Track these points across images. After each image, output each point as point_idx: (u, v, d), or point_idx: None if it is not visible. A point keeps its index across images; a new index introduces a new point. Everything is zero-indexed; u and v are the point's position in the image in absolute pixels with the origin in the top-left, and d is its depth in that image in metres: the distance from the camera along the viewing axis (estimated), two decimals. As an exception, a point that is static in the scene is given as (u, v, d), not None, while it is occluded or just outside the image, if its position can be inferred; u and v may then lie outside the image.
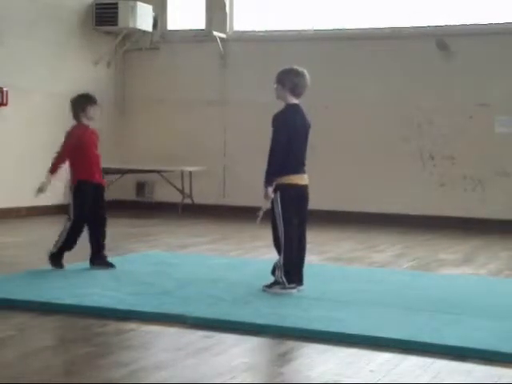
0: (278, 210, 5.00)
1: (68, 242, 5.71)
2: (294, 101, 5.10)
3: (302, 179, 5.09)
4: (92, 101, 5.82)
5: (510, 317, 4.49)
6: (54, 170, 5.69)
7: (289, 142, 5.00)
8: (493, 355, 3.72)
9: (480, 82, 9.00)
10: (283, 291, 5.00)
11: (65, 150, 5.72)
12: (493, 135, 8.98)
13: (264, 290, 5.06)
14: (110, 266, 5.79)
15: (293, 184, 5.04)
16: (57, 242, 5.71)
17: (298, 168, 5.08)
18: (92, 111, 5.78)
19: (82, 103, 5.79)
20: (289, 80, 5.05)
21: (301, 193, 5.09)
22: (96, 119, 5.86)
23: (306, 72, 5.09)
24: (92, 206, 5.74)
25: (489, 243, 7.83)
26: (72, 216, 5.70)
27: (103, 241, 5.85)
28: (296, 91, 5.06)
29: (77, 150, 5.72)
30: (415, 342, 3.90)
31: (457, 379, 3.48)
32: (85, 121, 5.80)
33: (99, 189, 5.83)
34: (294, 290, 5.02)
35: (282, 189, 5.00)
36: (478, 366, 3.63)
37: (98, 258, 5.81)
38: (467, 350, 3.79)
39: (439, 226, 8.85)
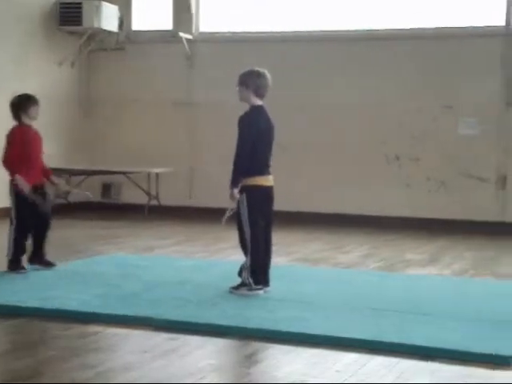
0: (244, 211, 5.01)
1: (18, 247, 5.66)
2: (258, 102, 5.11)
3: (267, 180, 5.10)
4: (34, 101, 5.79)
5: (474, 317, 4.53)
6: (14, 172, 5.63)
7: (254, 144, 5.01)
8: (458, 355, 3.75)
9: (445, 84, 9.09)
10: (250, 293, 5.00)
11: (12, 153, 5.65)
12: (457, 137, 9.08)
13: (231, 292, 5.06)
14: (50, 265, 5.74)
15: (258, 185, 5.05)
16: (8, 248, 5.66)
17: (263, 169, 5.09)
18: (35, 111, 5.76)
19: (24, 104, 5.75)
20: (252, 82, 5.06)
21: (266, 194, 5.10)
22: (36, 119, 5.81)
23: (267, 73, 5.12)
24: (33, 208, 5.67)
25: (453, 243, 7.91)
26: (14, 219, 5.65)
27: (43, 241, 5.76)
28: (259, 92, 5.08)
29: (18, 150, 5.66)
30: (381, 342, 3.92)
31: (421, 379, 3.51)
32: (27, 121, 5.76)
33: (39, 190, 5.76)
34: (260, 292, 5.02)
35: (248, 190, 5.01)
36: (444, 365, 3.67)
37: (37, 257, 5.75)
38: (433, 349, 3.82)
39: (405, 226, 8.91)
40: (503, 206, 8.87)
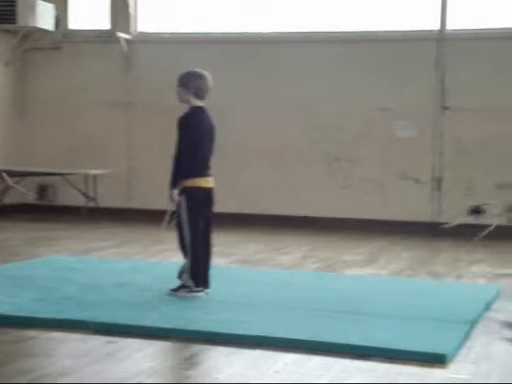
0: (184, 213, 4.98)
1: None
2: (199, 103, 5.10)
3: (207, 182, 5.09)
4: None
5: (410, 315, 4.61)
6: None
7: (194, 145, 4.99)
8: (394, 353, 3.81)
9: (381, 87, 9.22)
10: (190, 295, 4.98)
11: None
12: (393, 139, 9.22)
13: (170, 294, 5.02)
14: None
15: (198, 187, 5.03)
16: None
17: (204, 171, 5.08)
18: None
19: None
20: (192, 83, 5.05)
21: (206, 196, 5.09)
22: None
23: (208, 74, 5.11)
24: None
25: (391, 244, 8.04)
26: None
27: None
28: (200, 94, 5.07)
29: None
30: (319, 343, 3.95)
31: (358, 378, 3.55)
32: None
33: None
34: (200, 294, 5.01)
35: (188, 192, 4.99)
36: (380, 364, 3.71)
37: None
38: (369, 348, 3.87)
39: (344, 227, 9.01)
40: (439, 207, 9.05)
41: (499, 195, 8.84)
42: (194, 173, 5.01)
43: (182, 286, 5.03)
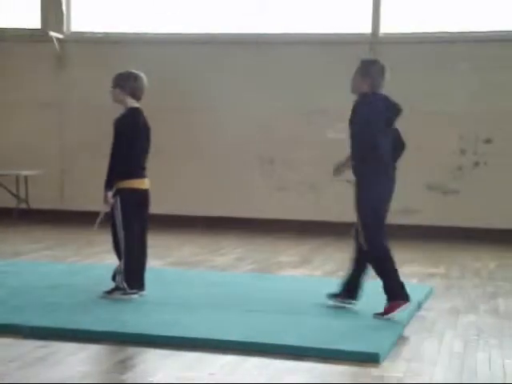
0: (118, 214, 4.93)
1: None
2: (135, 104, 5.07)
3: (142, 183, 5.05)
4: None
5: (343, 316, 4.67)
6: None
7: (130, 146, 4.96)
8: (329, 353, 3.85)
9: (315, 90, 9.30)
10: (124, 297, 4.93)
11: None
12: (327, 141, 9.30)
13: (104, 296, 4.96)
14: None
15: (133, 188, 4.99)
16: None
17: (139, 172, 5.05)
18: None
19: None
20: (128, 84, 5.03)
21: (141, 197, 5.05)
22: None
23: (143, 75, 5.09)
24: None
25: (324, 245, 8.12)
26: None
27: None
28: (136, 95, 5.06)
29: None
30: (255, 344, 3.97)
31: (293, 378, 3.57)
32: None
33: None
34: (135, 296, 4.96)
35: (123, 193, 4.94)
36: (316, 364, 3.75)
37: None
38: (304, 349, 3.90)
39: (279, 229, 9.05)
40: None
41: (429, 196, 9.03)
42: (128, 174, 4.97)
43: (116, 288, 4.97)
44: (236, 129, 9.48)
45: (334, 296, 4.89)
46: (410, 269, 6.69)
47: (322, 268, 6.64)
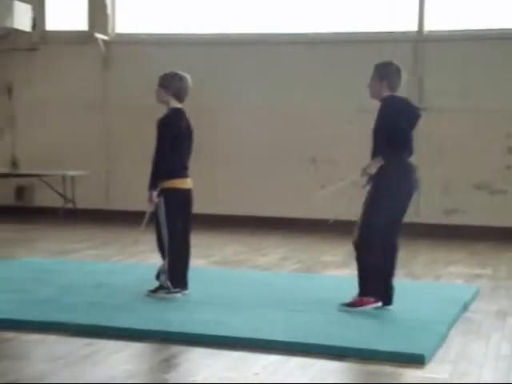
0: (162, 214, 4.97)
1: None
2: (178, 105, 5.09)
3: (185, 183, 5.08)
4: None
5: (388, 316, 4.62)
6: None
7: (173, 147, 4.98)
8: (372, 354, 3.82)
9: (360, 88, 9.23)
10: (168, 296, 4.96)
11: None
12: (368, 139, 9.19)
13: (149, 295, 5.00)
14: None
15: (177, 188, 5.02)
16: None
17: (182, 172, 5.07)
18: None
19: None
20: (173, 85, 5.05)
21: (185, 197, 5.08)
22: None
23: (188, 76, 5.11)
24: None
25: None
26: None
27: None
28: (179, 96, 5.08)
29: None
30: (298, 344, 3.95)
31: (337, 378, 3.55)
32: None
33: None
34: (178, 295, 4.99)
35: (166, 193, 4.97)
36: (358, 365, 3.72)
37: None
38: (347, 349, 3.87)
39: (323, 228, 8.99)
40: (416, 208, 9.07)
41: (477, 195, 8.90)
42: (171, 174, 5.00)
43: (160, 287, 5.01)
44: (278, 128, 9.47)
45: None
46: (456, 269, 6.61)
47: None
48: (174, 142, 4.99)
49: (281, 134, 9.47)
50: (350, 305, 4.69)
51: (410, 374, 3.62)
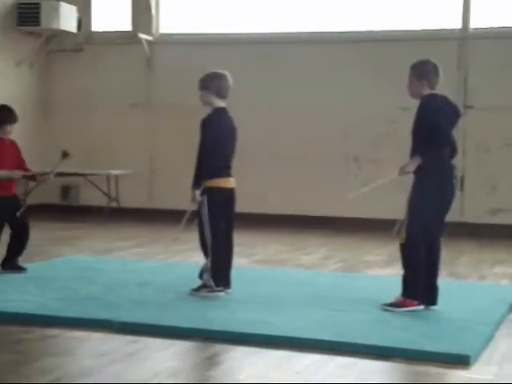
0: (205, 213, 4.99)
1: (10, 249, 5.68)
2: (221, 104, 5.11)
3: (228, 182, 5.10)
4: (13, 119, 5.70)
5: (432, 316, 4.58)
6: None
7: (216, 146, 5.01)
8: (416, 354, 3.78)
9: (402, 87, 9.15)
10: (211, 294, 4.98)
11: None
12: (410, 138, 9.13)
13: (192, 294, 5.03)
14: (21, 269, 5.68)
15: (220, 187, 5.04)
16: None
17: (225, 171, 5.09)
18: (10, 129, 5.68)
19: (1, 120, 5.64)
20: (213, 84, 5.07)
21: (228, 196, 5.09)
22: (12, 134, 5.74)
23: (227, 74, 5.12)
24: (10, 217, 5.63)
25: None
26: None
27: (22, 249, 5.73)
28: (221, 93, 5.08)
29: None
30: (341, 343, 3.94)
31: (381, 378, 3.53)
32: (1, 134, 5.68)
33: (13, 200, 5.72)
34: (221, 293, 5.01)
35: (210, 192, 4.99)
36: (402, 365, 3.69)
37: (9, 262, 5.68)
38: (392, 349, 3.85)
39: (366, 228, 8.96)
40: (461, 207, 8.97)
41: None
42: (214, 173, 5.02)
43: (203, 286, 5.03)
44: (318, 127, 9.45)
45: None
46: (502, 269, 6.52)
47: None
48: (217, 142, 5.01)
49: (322, 133, 9.44)
50: (393, 305, 4.66)
51: (455, 374, 3.58)
